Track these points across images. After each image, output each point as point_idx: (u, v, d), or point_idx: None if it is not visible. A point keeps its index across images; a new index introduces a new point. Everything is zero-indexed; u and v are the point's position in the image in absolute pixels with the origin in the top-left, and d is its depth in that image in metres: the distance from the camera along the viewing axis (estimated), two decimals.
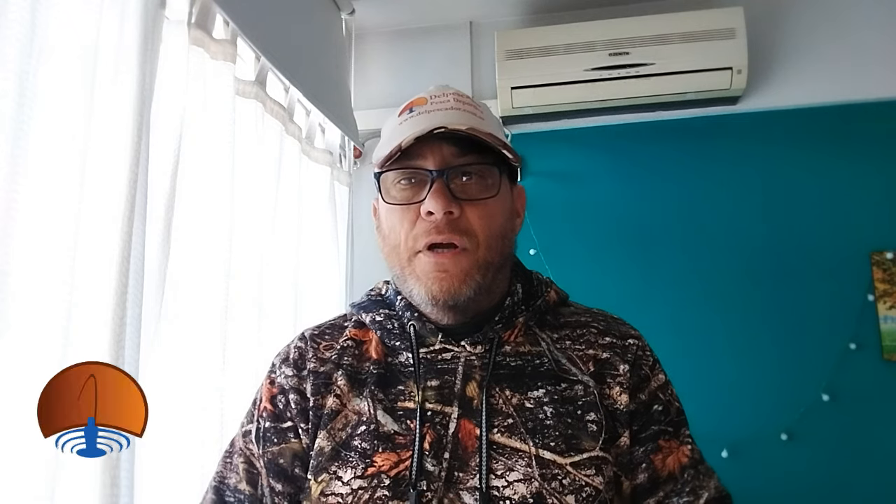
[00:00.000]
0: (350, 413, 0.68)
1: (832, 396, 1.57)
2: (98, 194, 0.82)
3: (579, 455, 0.64)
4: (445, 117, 0.68)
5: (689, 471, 0.68)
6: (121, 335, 0.81)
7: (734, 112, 1.75)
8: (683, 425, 0.71)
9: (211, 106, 1.11)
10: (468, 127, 0.65)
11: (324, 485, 0.64)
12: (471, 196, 0.67)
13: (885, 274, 1.61)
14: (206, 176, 1.10)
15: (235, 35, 1.19)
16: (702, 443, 0.72)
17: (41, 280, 0.74)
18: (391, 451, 0.64)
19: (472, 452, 0.64)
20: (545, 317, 0.74)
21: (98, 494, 0.76)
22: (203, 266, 1.08)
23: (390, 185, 0.69)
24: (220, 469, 0.72)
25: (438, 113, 0.69)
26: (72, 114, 0.79)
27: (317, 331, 0.77)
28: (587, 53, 1.67)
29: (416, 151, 0.66)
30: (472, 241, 0.66)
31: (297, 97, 1.51)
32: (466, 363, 0.69)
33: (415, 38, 1.95)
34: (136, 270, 0.85)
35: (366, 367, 0.71)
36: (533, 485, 0.62)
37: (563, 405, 0.66)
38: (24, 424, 0.70)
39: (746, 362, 1.63)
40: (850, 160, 1.67)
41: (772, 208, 1.69)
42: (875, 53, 1.70)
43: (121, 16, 0.87)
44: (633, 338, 0.73)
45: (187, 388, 1.03)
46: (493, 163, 0.68)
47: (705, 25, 1.63)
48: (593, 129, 1.82)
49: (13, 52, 0.69)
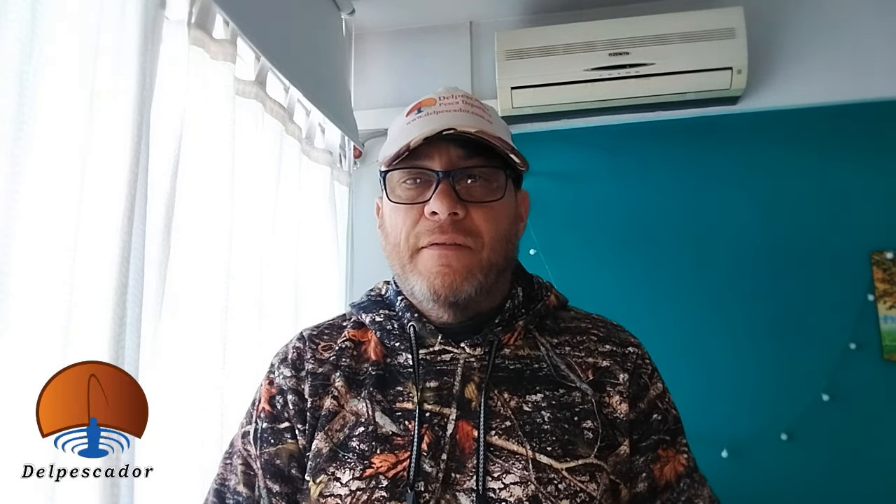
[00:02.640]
0: (348, 414, 0.68)
1: (832, 396, 1.57)
2: (98, 194, 0.82)
3: (575, 461, 0.64)
4: (454, 119, 0.68)
5: (686, 479, 0.68)
6: (121, 335, 0.81)
7: (734, 112, 1.75)
8: (680, 434, 0.71)
9: (211, 106, 1.11)
10: (477, 130, 0.65)
11: (322, 486, 0.64)
12: (476, 198, 0.67)
13: (885, 274, 1.61)
14: (206, 176, 1.10)
15: (235, 35, 1.19)
16: (702, 443, 0.73)
17: (41, 280, 0.74)
18: (389, 452, 0.64)
19: (470, 454, 0.64)
20: (545, 321, 0.74)
21: (98, 494, 0.76)
22: (203, 266, 1.08)
23: (395, 184, 0.69)
24: (221, 471, 0.72)
25: (447, 114, 0.69)
26: (72, 114, 0.79)
27: (315, 331, 0.77)
28: (587, 53, 1.67)
29: (423, 152, 0.66)
30: (477, 241, 0.66)
31: (297, 97, 1.51)
32: (465, 365, 0.69)
33: (415, 38, 1.95)
34: (136, 270, 0.85)
35: (364, 369, 0.71)
36: (529, 488, 0.62)
37: (561, 410, 0.66)
38: (25, 424, 0.70)
39: (746, 362, 1.63)
40: (851, 160, 1.67)
41: (772, 208, 1.69)
42: (875, 53, 1.70)
43: (121, 16, 0.87)
44: (632, 346, 0.73)
45: (187, 388, 1.03)
46: (499, 166, 0.68)
47: (705, 25, 1.63)
48: (593, 129, 1.82)
49: (13, 52, 0.69)
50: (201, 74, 1.08)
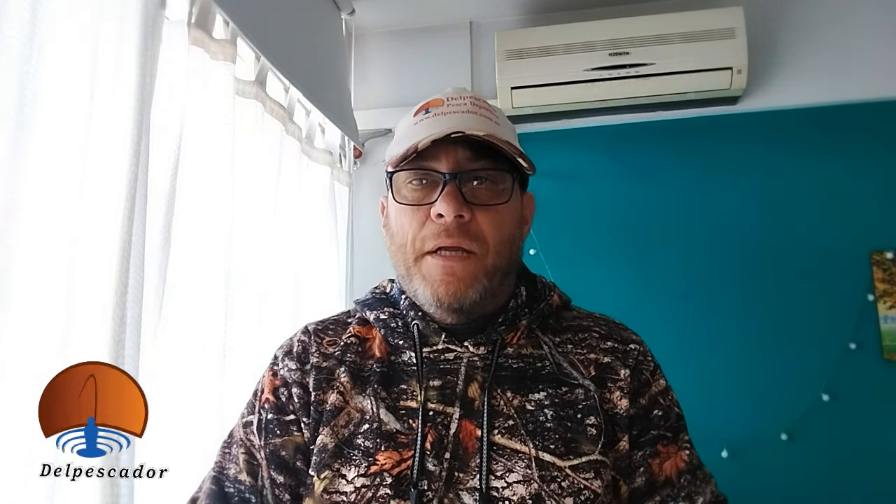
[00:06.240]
0: (353, 410, 0.68)
1: (832, 396, 1.57)
2: (98, 194, 0.82)
3: (578, 458, 0.64)
4: (462, 120, 0.68)
5: (687, 476, 0.68)
6: (121, 335, 0.81)
7: (734, 112, 1.75)
8: (683, 430, 0.71)
9: (211, 106, 1.11)
10: (486, 133, 0.65)
11: (327, 482, 0.64)
12: (482, 201, 0.67)
13: (885, 274, 1.61)
14: (206, 176, 1.10)
15: (235, 35, 1.19)
16: (702, 443, 0.72)
17: (41, 280, 0.74)
18: (393, 450, 0.64)
19: (473, 453, 0.64)
20: (548, 320, 0.74)
21: (98, 494, 0.76)
22: (203, 266, 1.08)
23: (402, 184, 0.69)
24: (219, 459, 0.72)
25: (454, 115, 0.69)
26: (72, 114, 0.79)
27: (320, 326, 0.77)
28: (587, 53, 1.67)
29: (430, 153, 0.66)
30: (482, 246, 0.66)
31: (297, 97, 1.51)
32: (469, 364, 0.69)
33: (415, 38, 1.95)
34: (136, 270, 0.85)
35: (369, 365, 0.71)
36: (532, 486, 0.62)
37: (564, 408, 0.66)
38: (25, 424, 0.70)
39: (747, 362, 1.63)
40: (850, 160, 1.67)
41: (772, 208, 1.69)
42: (875, 53, 1.70)
43: (121, 16, 0.87)
44: (634, 343, 0.73)
45: (187, 388, 1.03)
46: (506, 169, 0.68)
47: (705, 25, 1.63)
48: (593, 129, 1.82)
49: (13, 52, 0.69)
50: (201, 74, 1.08)
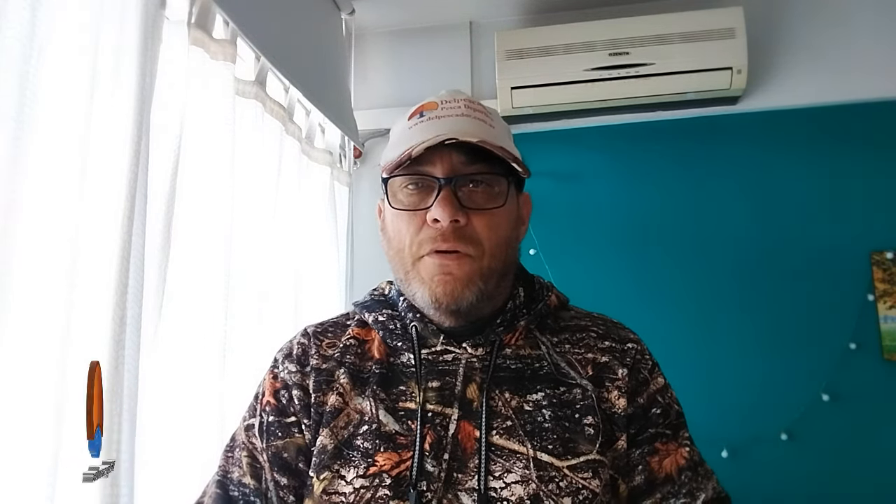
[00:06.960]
0: (352, 412, 0.68)
1: (832, 396, 1.57)
2: (98, 194, 0.82)
3: (576, 458, 0.64)
4: (456, 124, 0.68)
5: (687, 472, 0.68)
6: (121, 335, 0.81)
7: (734, 112, 1.75)
8: (682, 428, 0.71)
9: (211, 106, 1.11)
10: (479, 139, 0.65)
11: (326, 483, 0.64)
12: (478, 205, 0.67)
13: (885, 274, 1.61)
14: (206, 176, 1.10)
15: (235, 35, 1.19)
16: (702, 443, 0.72)
17: (41, 280, 0.74)
18: (392, 451, 0.65)
19: (472, 454, 0.64)
20: (546, 321, 0.74)
21: (98, 494, 0.76)
22: (203, 266, 1.08)
23: (397, 189, 0.69)
24: (223, 463, 0.72)
25: (449, 119, 0.69)
26: (72, 114, 0.79)
27: (319, 328, 0.77)
28: (587, 53, 1.67)
29: (425, 158, 0.66)
30: (478, 249, 0.66)
31: (296, 97, 1.51)
32: (467, 365, 0.69)
33: (415, 38, 1.95)
34: (136, 270, 0.85)
35: (368, 367, 0.71)
36: (530, 486, 0.62)
37: (562, 408, 0.66)
38: (25, 424, 0.70)
39: (746, 362, 1.63)
40: (850, 160, 1.67)
41: (772, 208, 1.69)
42: (875, 53, 1.70)
43: (121, 16, 0.87)
44: (632, 342, 0.73)
45: (187, 388, 1.03)
46: (501, 172, 0.68)
47: (705, 25, 1.63)
48: (593, 129, 1.82)
49: (13, 52, 0.69)
50: (201, 74, 1.08)
